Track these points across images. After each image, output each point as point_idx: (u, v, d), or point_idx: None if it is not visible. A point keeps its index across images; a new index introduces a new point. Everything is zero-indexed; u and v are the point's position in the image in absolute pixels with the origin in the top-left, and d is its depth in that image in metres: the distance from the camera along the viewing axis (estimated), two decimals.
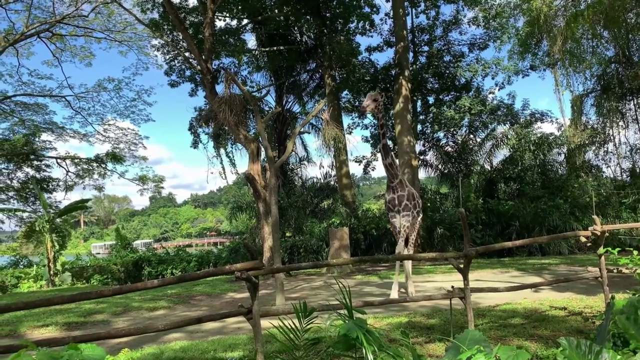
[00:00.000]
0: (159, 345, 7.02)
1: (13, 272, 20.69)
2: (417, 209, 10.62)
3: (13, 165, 27.92)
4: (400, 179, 10.29)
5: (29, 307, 4.10)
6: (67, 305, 10.96)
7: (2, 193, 28.63)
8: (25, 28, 21.92)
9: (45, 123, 27.37)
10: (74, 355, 2.57)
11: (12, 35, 22.08)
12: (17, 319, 9.69)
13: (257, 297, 5.56)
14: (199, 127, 23.89)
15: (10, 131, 27.30)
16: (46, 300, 4.10)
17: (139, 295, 12.32)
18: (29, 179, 28.38)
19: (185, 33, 16.08)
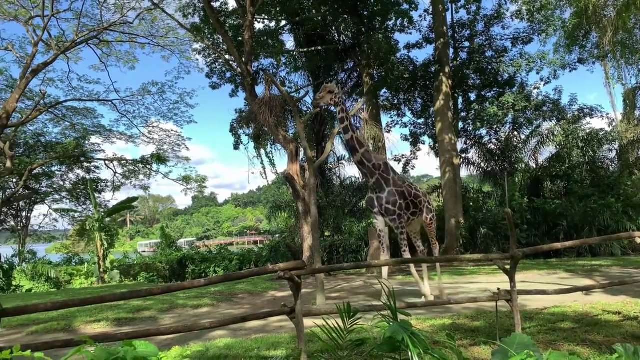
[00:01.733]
0: (204, 343, 7.17)
1: (66, 269, 21.64)
2: (413, 210, 9.66)
3: (65, 167, 29.27)
4: (377, 177, 9.32)
5: (84, 303, 4.29)
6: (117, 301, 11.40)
7: (56, 193, 30.08)
8: (75, 36, 22.85)
9: (94, 126, 28.51)
10: (129, 352, 2.67)
11: (63, 42, 23.05)
12: (71, 315, 10.11)
13: (300, 297, 5.62)
14: (239, 129, 24.23)
15: (62, 135, 28.62)
16: (99, 298, 4.28)
17: (184, 293, 12.61)
18: (80, 180, 29.68)
19: (226, 36, 16.36)
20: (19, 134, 26.18)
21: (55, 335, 8.66)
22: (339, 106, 9.10)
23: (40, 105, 23.93)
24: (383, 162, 9.56)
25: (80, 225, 23.68)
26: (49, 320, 9.60)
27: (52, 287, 20.33)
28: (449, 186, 20.57)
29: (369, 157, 9.31)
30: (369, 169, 9.27)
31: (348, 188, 23.55)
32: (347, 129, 9.11)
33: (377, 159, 9.51)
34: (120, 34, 24.78)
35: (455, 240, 19.60)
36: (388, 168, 9.52)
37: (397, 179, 9.58)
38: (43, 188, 29.66)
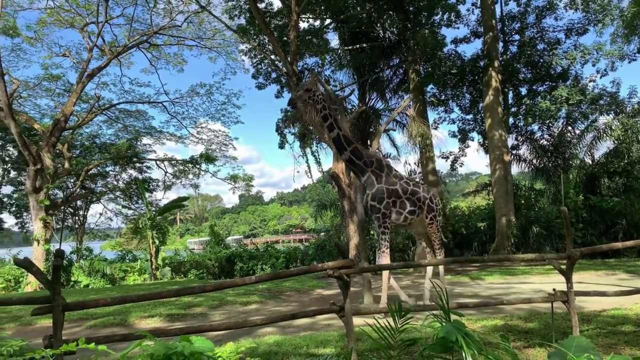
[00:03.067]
0: (254, 339, 7.26)
1: (120, 266, 22.51)
2: (410, 208, 9.06)
3: (119, 167, 30.49)
4: (369, 174, 8.90)
5: (140, 299, 4.43)
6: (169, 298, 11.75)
7: (111, 193, 31.40)
8: (127, 40, 23.74)
9: (145, 128, 29.53)
10: (186, 347, 2.73)
11: (116, 47, 23.98)
12: (126, 310, 10.49)
13: (349, 296, 5.60)
14: (285, 128, 24.44)
15: (115, 136, 29.83)
16: (156, 294, 4.41)
17: (233, 290, 12.85)
18: (132, 179, 30.84)
19: (271, 36, 16.54)
20: (75, 136, 27.45)
21: (111, 329, 9.01)
22: (320, 104, 8.76)
23: (95, 108, 25.01)
24: (376, 159, 9.16)
25: (134, 223, 24.62)
26: (106, 315, 9.99)
27: (108, 283, 21.20)
28: (499, 184, 20.00)
29: (358, 154, 8.92)
30: (359, 167, 8.94)
31: None
32: (332, 126, 8.79)
33: (368, 156, 9.11)
34: (169, 37, 25.53)
35: (506, 240, 19.04)
36: (382, 165, 9.09)
37: (392, 176, 9.09)
38: (98, 188, 31.05)
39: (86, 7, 22.60)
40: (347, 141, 8.86)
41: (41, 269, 5.40)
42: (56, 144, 21.65)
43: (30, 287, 18.98)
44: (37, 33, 23.63)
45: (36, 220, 19.97)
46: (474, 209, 23.67)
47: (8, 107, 18.63)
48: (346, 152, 8.84)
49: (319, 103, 8.75)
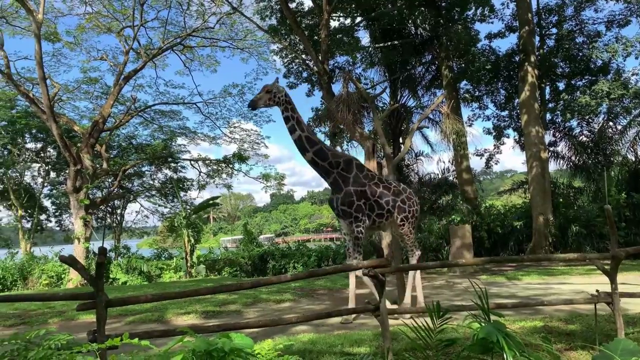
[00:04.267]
0: (288, 337, 7.30)
1: (156, 264, 23.01)
2: (378, 211, 8.65)
3: (154, 167, 31.21)
4: (335, 176, 8.59)
5: (179, 296, 4.51)
6: (204, 295, 11.94)
7: (147, 192, 32.19)
8: (161, 43, 24.24)
9: (179, 128, 30.11)
10: (226, 343, 2.77)
11: (151, 50, 24.52)
12: (163, 307, 10.69)
13: (384, 295, 5.56)
14: (315, 127, 24.49)
15: (151, 137, 30.53)
16: (194, 291, 4.48)
17: (266, 288, 12.94)
18: (167, 179, 31.52)
19: (302, 36, 16.58)
20: (113, 137, 28.21)
21: (149, 325, 9.21)
22: (282, 105, 8.61)
23: (132, 110, 25.65)
24: (344, 159, 8.77)
25: (169, 221, 25.16)
26: (144, 312, 10.21)
27: (145, 280, 21.71)
28: (536, 181, 19.51)
29: (323, 155, 8.61)
30: (323, 168, 8.65)
31: (427, 185, 23.04)
32: (294, 128, 8.60)
33: (335, 156, 8.76)
34: (202, 39, 25.92)
35: (544, 239, 18.56)
36: (350, 166, 8.72)
37: (361, 177, 8.70)
38: (135, 187, 31.86)
39: (122, 11, 23.19)
40: (310, 142, 8.64)
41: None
42: (95, 145, 22.31)
43: (72, 283, 19.62)
44: (76, 38, 24.38)
45: (76, 219, 20.62)
46: (510, 208, 23.16)
47: (50, 110, 19.32)
48: (308, 153, 8.61)
49: (281, 104, 8.62)
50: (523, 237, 20.00)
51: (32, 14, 18.61)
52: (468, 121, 25.31)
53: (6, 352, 3.24)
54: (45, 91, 19.16)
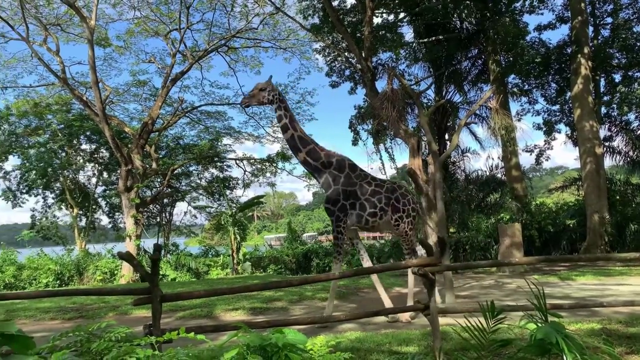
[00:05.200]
0: (335, 335, 7.30)
1: (204, 261, 23.57)
2: (370, 210, 8.47)
3: (201, 167, 31.97)
4: (326, 176, 8.51)
5: (231, 292, 4.59)
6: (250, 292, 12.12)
7: (194, 191, 33.03)
8: (207, 45, 24.76)
9: (225, 128, 30.66)
10: (280, 338, 2.79)
11: (196, 52, 25.09)
12: (211, 303, 10.92)
13: (434, 294, 5.47)
14: (358, 125, 24.39)
15: (197, 137, 31.26)
16: (245, 287, 4.55)
17: (311, 286, 12.99)
18: (214, 178, 32.21)
19: (346, 34, 16.53)
20: (161, 138, 29.06)
21: (199, 321, 9.44)
22: (275, 104, 8.61)
23: (179, 111, 26.34)
24: (336, 159, 8.72)
25: (216, 220, 25.71)
26: (193, 307, 10.46)
27: (193, 277, 22.28)
28: (590, 178, 18.70)
29: (315, 155, 8.62)
30: (315, 168, 8.64)
31: (474, 182, 22.49)
32: (286, 127, 8.61)
33: (327, 156, 8.71)
34: (246, 40, 26.29)
35: (600, 238, 17.76)
36: (343, 165, 8.67)
37: (352, 177, 8.63)
38: (183, 186, 32.71)
39: (169, 15, 23.82)
40: (303, 142, 8.67)
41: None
42: (144, 146, 23.06)
43: (124, 279, 20.37)
44: (125, 42, 25.25)
45: (128, 217, 21.38)
46: (562, 205, 22.31)
47: (102, 113, 20.12)
48: (301, 153, 8.62)
49: (274, 103, 8.62)
50: (576, 236, 19.22)
51: (85, 21, 19.42)
52: (517, 116, 24.55)
53: (70, 343, 3.39)
54: (98, 94, 19.97)
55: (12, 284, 19.72)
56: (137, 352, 2.82)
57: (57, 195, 31.44)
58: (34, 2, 21.24)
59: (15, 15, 20.95)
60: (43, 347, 2.97)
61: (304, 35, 25.15)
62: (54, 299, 12.01)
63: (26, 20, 19.49)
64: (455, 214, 20.47)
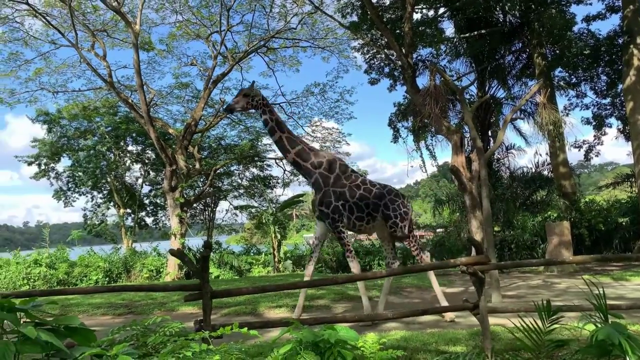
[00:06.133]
0: (379, 333, 7.25)
1: (246, 259, 23.90)
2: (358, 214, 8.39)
3: (242, 166, 32.46)
4: (316, 177, 8.50)
5: (278, 289, 4.62)
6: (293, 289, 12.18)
7: (235, 190, 33.59)
8: (246, 46, 25.08)
9: (264, 128, 30.94)
10: (332, 335, 2.78)
11: (237, 53, 25.45)
12: (255, 300, 11.05)
13: (484, 293, 5.34)
14: (398, 122, 24.18)
15: (238, 137, 31.76)
16: (292, 284, 4.58)
17: (353, 284, 12.94)
18: (254, 177, 32.64)
19: (385, 30, 16.39)
20: (204, 139, 29.67)
21: (244, 317, 9.56)
22: (260, 108, 8.75)
23: (220, 112, 26.79)
24: (327, 159, 8.73)
25: (257, 218, 26.02)
26: (238, 304, 10.60)
27: (235, 275, 22.62)
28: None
29: (305, 156, 8.65)
30: (306, 169, 8.64)
31: (519, 179, 21.86)
32: (274, 129, 8.74)
33: (318, 156, 8.75)
34: (285, 40, 26.47)
35: None
36: (333, 166, 8.64)
37: (343, 178, 8.60)
38: (225, 186, 33.30)
39: (210, 18, 24.26)
40: (291, 143, 8.75)
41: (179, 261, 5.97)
42: (188, 147, 23.60)
43: (169, 277, 20.90)
44: (168, 46, 25.90)
45: (173, 216, 21.93)
46: (613, 203, 21.39)
47: (147, 115, 20.71)
48: (289, 154, 8.70)
49: (259, 107, 8.76)
50: (630, 234, 18.39)
51: (130, 26, 20.05)
52: (564, 111, 23.70)
53: (127, 337, 3.50)
54: (143, 97, 20.58)
55: (64, 280, 20.58)
56: (192, 346, 2.88)
57: (105, 195, 32.69)
58: (82, 10, 22.10)
59: (64, 22, 21.84)
60: (103, 340, 3.08)
61: (343, 34, 25.10)
62: (104, 295, 12.45)
63: (75, 27, 20.28)
64: (499, 212, 19.96)
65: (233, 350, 2.94)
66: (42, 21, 21.43)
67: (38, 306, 2.48)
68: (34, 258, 21.02)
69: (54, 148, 30.09)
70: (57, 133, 30.18)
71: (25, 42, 23.06)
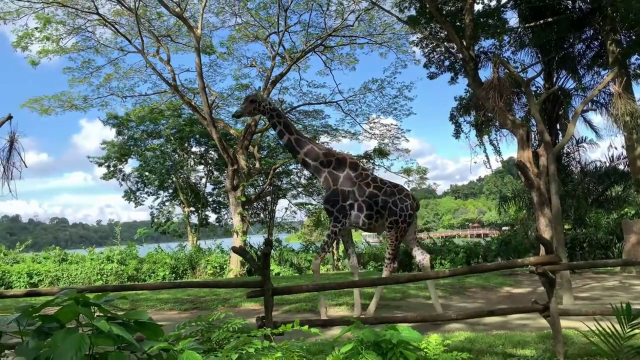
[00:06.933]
0: (442, 334, 7.05)
1: (305, 256, 24.13)
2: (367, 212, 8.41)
3: (300, 165, 32.75)
4: (325, 175, 8.61)
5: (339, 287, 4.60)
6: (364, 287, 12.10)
7: (294, 189, 34.01)
8: (304, 46, 25.27)
9: (322, 127, 31.12)
10: (394, 335, 2.71)
11: (294, 53, 25.71)
12: (315, 298, 11.07)
13: (554, 294, 5.07)
14: (459, 116, 23.51)
15: None
16: (352, 283, 4.53)
17: (414, 284, 12.72)
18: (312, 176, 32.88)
19: (445, 23, 15.97)
20: (263, 139, 30.24)
21: (304, 315, 9.62)
22: (267, 113, 8.93)
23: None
24: (336, 158, 8.88)
25: (315, 216, 26.18)
26: (298, 302, 10.70)
27: (295, 272, 22.90)
28: None
29: (314, 155, 8.78)
30: (314, 168, 8.80)
31: (591, 174, 20.62)
32: (282, 132, 8.87)
33: (327, 155, 8.88)
34: (342, 38, 26.44)
35: None
36: (343, 164, 8.75)
37: (353, 177, 8.66)
38: (284, 184, 33.79)
39: (268, 19, 24.66)
40: (300, 144, 8.91)
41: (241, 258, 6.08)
42: (248, 147, 24.12)
43: (232, 273, 21.47)
44: (228, 48, 26.56)
45: (235, 214, 22.50)
46: None
47: (210, 117, 21.36)
48: (299, 155, 8.86)
49: (266, 113, 8.93)
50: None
51: (192, 30, 20.76)
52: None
53: (192, 332, 3.59)
54: (205, 100, 21.25)
55: (134, 276, 21.65)
56: (255, 342, 2.91)
57: (170, 194, 34.11)
58: (147, 17, 23.13)
59: (132, 30, 22.95)
60: (170, 335, 3.17)
61: (401, 28, 24.72)
62: (171, 291, 12.95)
63: (141, 34, 21.27)
64: (570, 209, 18.89)
65: (294, 348, 2.95)
66: (111, 29, 22.66)
67: (110, 301, 2.59)
68: (107, 255, 22.29)
69: (122, 150, 31.77)
70: (125, 135, 31.82)
71: (97, 50, 24.48)
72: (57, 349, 2.16)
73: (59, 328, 2.36)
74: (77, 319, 2.44)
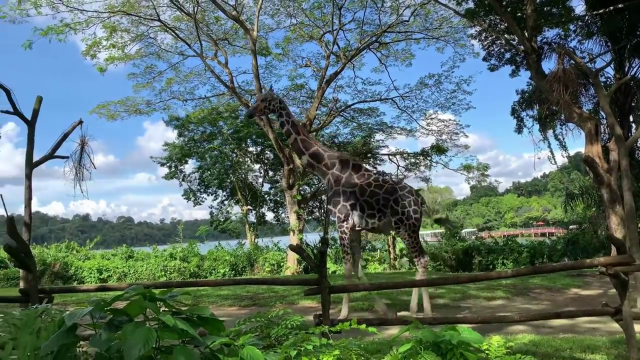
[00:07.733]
0: (505, 336, 6.82)
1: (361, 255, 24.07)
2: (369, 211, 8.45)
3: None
4: (329, 177, 8.67)
5: (396, 287, 4.55)
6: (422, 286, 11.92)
7: None
8: (359, 43, 25.17)
9: (377, 124, 30.91)
10: (454, 336, 2.65)
11: (349, 51, 25.66)
12: (371, 297, 11.04)
13: (627, 297, 4.78)
14: (522, 111, 22.61)
15: (351, 134, 32.08)
16: (411, 282, 4.47)
17: (474, 284, 12.36)
18: None
19: (505, 14, 15.42)
20: (318, 137, 30.39)
21: (360, 314, 9.60)
22: (277, 112, 9.06)
23: (333, 111, 27.24)
24: (340, 159, 8.96)
25: None
26: (354, 300, 10.65)
27: None
28: None
29: (318, 157, 8.90)
30: (320, 170, 8.93)
31: None
32: (289, 132, 8.99)
33: (331, 157, 8.97)
34: (397, 34, 26.11)
35: None
36: (345, 166, 8.85)
37: (354, 177, 8.71)
38: None
39: (322, 18, 24.76)
40: (306, 145, 9.01)
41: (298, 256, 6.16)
42: None
43: (289, 270, 21.77)
44: (283, 49, 26.91)
45: (291, 213, 22.80)
46: None
47: (266, 117, 21.73)
48: (304, 156, 8.99)
49: (276, 111, 9.06)
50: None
51: (248, 33, 21.22)
52: None
53: (252, 328, 3.68)
54: None
55: (196, 272, 22.43)
56: (313, 340, 2.93)
57: (228, 194, 35.05)
58: (205, 21, 23.86)
59: (191, 34, 23.76)
60: (231, 331, 3.26)
61: (458, 22, 24.10)
62: (231, 287, 13.31)
63: (200, 38, 21.99)
64: None
65: (352, 346, 2.95)
66: (172, 35, 23.59)
67: (174, 297, 2.69)
68: (170, 252, 23.25)
69: (183, 150, 32.97)
70: (186, 137, 33.01)
71: (158, 55, 25.55)
72: (127, 341, 2.28)
73: (128, 321, 2.49)
74: (145, 313, 2.56)
